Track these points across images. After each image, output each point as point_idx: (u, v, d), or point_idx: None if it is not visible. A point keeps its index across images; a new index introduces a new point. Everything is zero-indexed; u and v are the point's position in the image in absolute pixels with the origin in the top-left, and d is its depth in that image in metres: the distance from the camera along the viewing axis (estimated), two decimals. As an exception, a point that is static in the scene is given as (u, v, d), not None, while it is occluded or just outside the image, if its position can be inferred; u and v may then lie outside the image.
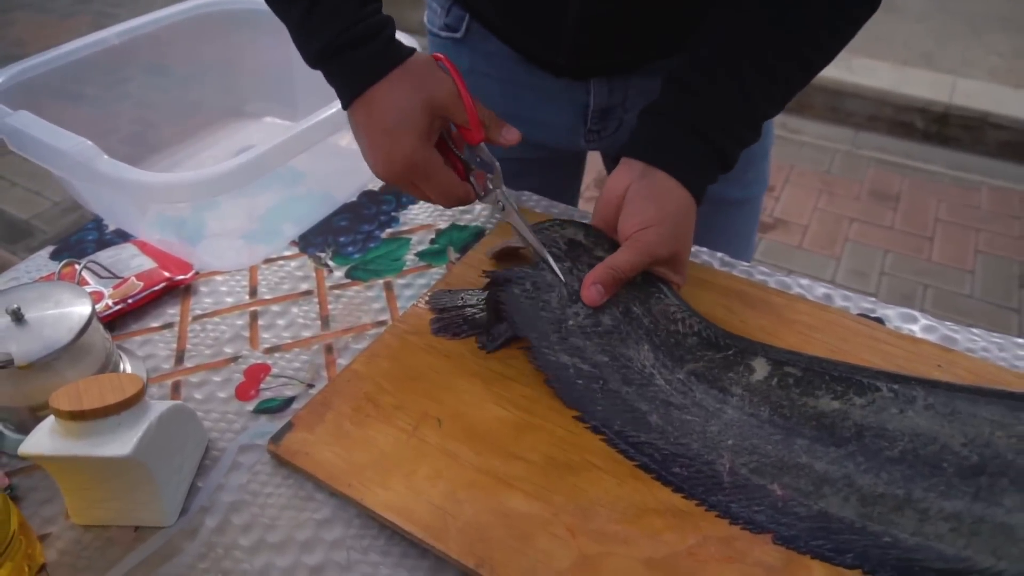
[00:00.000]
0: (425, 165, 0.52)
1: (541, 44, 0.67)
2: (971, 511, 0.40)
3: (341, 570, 0.43)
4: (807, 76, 0.56)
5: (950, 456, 0.42)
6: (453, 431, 0.48)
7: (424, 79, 0.51)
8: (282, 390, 0.54)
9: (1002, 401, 0.44)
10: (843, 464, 0.43)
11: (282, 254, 0.67)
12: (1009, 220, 2.01)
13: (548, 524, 0.43)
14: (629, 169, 0.55)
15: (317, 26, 0.50)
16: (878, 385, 0.46)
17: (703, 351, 0.50)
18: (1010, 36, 2.77)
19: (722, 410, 0.47)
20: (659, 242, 0.52)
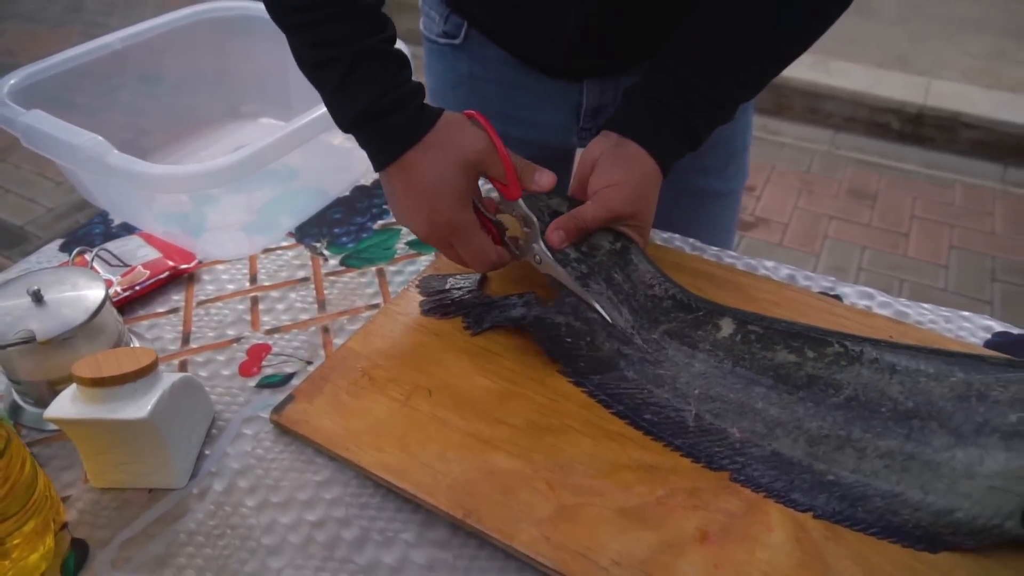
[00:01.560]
0: (463, 227, 0.54)
1: (539, 50, 0.71)
2: (903, 450, 0.44)
3: (340, 524, 0.47)
4: (780, 65, 0.60)
5: (888, 402, 0.46)
6: (442, 400, 0.52)
7: (458, 138, 0.53)
8: (282, 367, 0.57)
9: (939, 357, 0.48)
10: (794, 409, 0.48)
11: (280, 244, 0.70)
12: (982, 216, 2.07)
13: (529, 479, 0.47)
14: (605, 139, 0.60)
15: (352, 94, 0.52)
16: (830, 341, 0.51)
17: (676, 312, 0.55)
18: (982, 38, 2.84)
19: (691, 364, 0.52)
20: (621, 199, 0.57)
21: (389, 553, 0.45)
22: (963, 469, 0.43)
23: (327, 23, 0.51)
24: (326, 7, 0.51)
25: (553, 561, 0.42)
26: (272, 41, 0.84)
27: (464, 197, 0.53)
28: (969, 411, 0.45)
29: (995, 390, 0.45)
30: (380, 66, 0.52)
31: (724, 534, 0.44)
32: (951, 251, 1.94)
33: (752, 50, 0.59)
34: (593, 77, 0.72)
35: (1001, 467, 0.42)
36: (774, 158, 2.32)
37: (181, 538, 0.46)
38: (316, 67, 0.54)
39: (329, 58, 0.52)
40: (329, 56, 0.52)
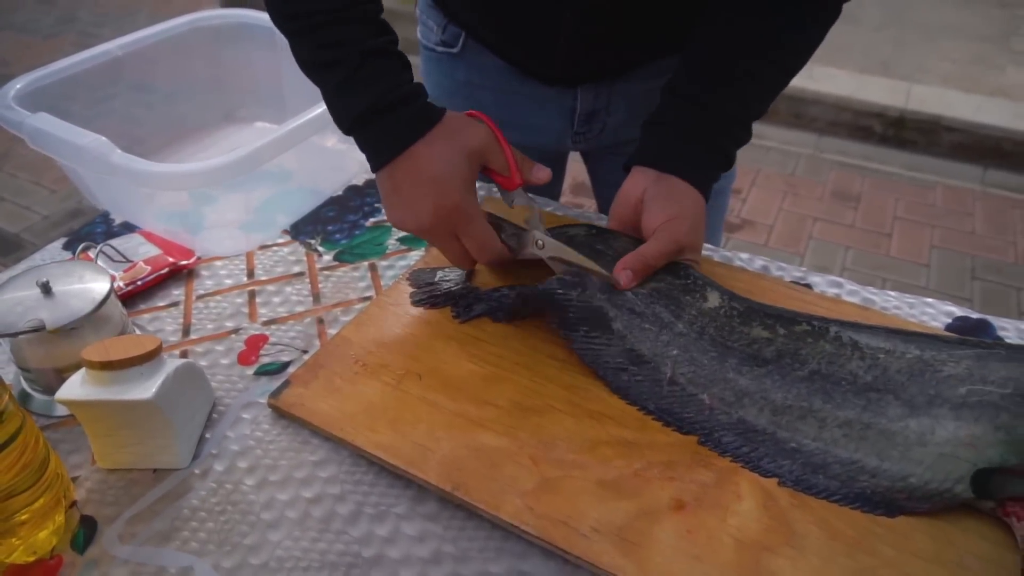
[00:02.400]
0: (470, 211, 0.55)
1: (535, 59, 0.73)
2: (860, 419, 0.47)
3: (335, 500, 0.49)
4: (788, 77, 0.63)
5: (848, 376, 0.50)
6: (432, 384, 0.55)
7: (462, 131, 0.55)
8: (279, 356, 0.60)
9: (899, 336, 0.52)
10: (762, 381, 0.51)
11: (276, 241, 0.73)
12: (962, 217, 2.11)
13: (514, 455, 0.50)
14: (644, 176, 0.61)
15: (359, 91, 0.54)
16: (800, 320, 0.54)
17: (666, 276, 0.58)
18: (962, 44, 2.90)
19: (674, 324, 0.55)
20: (684, 232, 0.58)
21: (382, 526, 0.48)
22: (916, 437, 0.46)
23: (333, 26, 0.54)
24: (332, 12, 0.53)
25: (536, 529, 0.45)
26: (265, 47, 0.88)
27: (471, 184, 0.55)
28: (923, 384, 0.48)
29: (947, 365, 0.48)
30: (385, 65, 0.55)
31: (697, 503, 0.47)
32: (932, 251, 1.99)
33: (763, 66, 0.61)
34: (587, 83, 0.75)
35: (950, 435, 0.45)
36: (760, 161, 2.36)
37: (185, 514, 0.48)
38: (321, 67, 0.56)
39: (335, 58, 0.54)
40: (335, 56, 0.54)
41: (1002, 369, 0.47)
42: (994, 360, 0.48)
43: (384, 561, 0.46)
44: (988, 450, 0.44)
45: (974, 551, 0.44)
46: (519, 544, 0.46)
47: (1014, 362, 0.48)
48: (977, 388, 0.46)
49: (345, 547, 0.46)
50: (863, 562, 0.44)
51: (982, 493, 0.44)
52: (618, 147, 0.64)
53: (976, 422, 0.45)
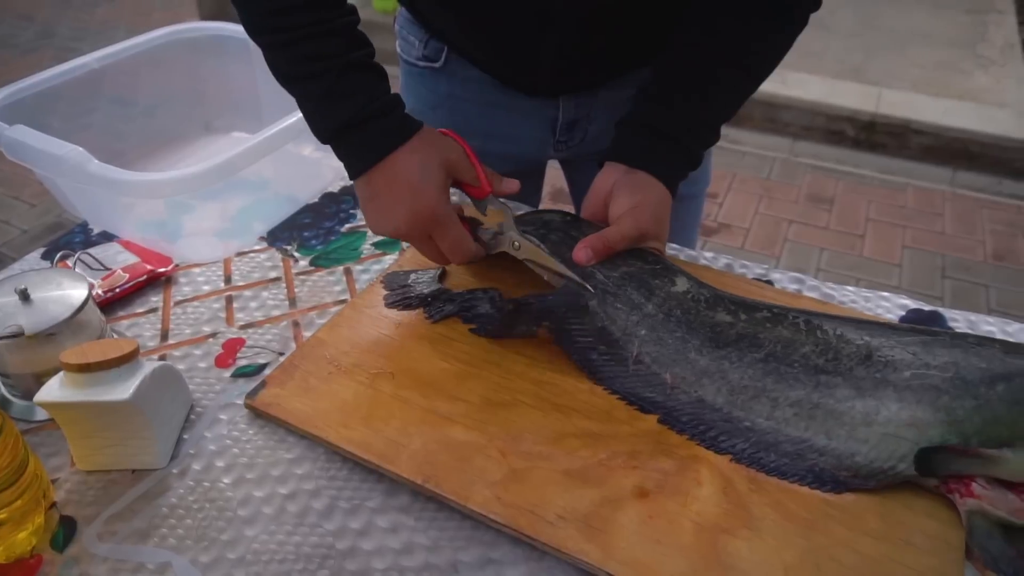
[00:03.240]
0: (445, 217, 0.58)
1: (518, 72, 0.75)
2: (809, 399, 0.50)
3: (310, 496, 0.51)
4: (755, 83, 0.66)
5: (801, 359, 0.52)
6: (404, 382, 0.57)
7: (438, 144, 0.58)
8: (256, 358, 0.62)
9: (852, 323, 0.54)
10: (720, 363, 0.54)
11: (253, 248, 0.75)
12: (932, 217, 2.16)
13: (484, 448, 0.51)
14: (614, 170, 0.64)
15: (339, 103, 0.56)
16: (761, 307, 0.57)
17: (635, 261, 0.61)
18: (930, 50, 2.97)
19: (644, 305, 0.57)
20: (647, 219, 0.61)
21: (355, 519, 0.49)
22: (861, 418, 0.48)
23: (311, 39, 0.55)
24: (310, 26, 0.55)
25: (504, 518, 0.47)
26: (241, 58, 0.89)
27: (445, 190, 0.58)
28: (870, 368, 0.50)
29: (895, 351, 0.51)
30: (364, 77, 0.57)
31: (659, 490, 0.49)
32: (904, 251, 2.03)
33: (731, 72, 0.65)
34: (568, 94, 0.77)
35: (894, 416, 0.48)
36: (736, 166, 2.40)
37: (163, 512, 0.50)
38: (299, 80, 0.57)
39: (313, 71, 0.56)
40: (313, 69, 0.56)
41: (945, 355, 0.49)
42: (938, 346, 0.50)
43: (357, 552, 0.47)
44: (930, 430, 0.47)
45: (921, 529, 0.47)
46: (488, 533, 0.48)
47: (957, 348, 0.50)
48: (920, 372, 0.49)
49: (319, 539, 0.48)
50: (816, 541, 0.46)
51: (925, 471, 0.46)
52: (598, 155, 0.66)
53: (918, 404, 0.48)
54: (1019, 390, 0.46)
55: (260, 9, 0.56)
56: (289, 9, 0.55)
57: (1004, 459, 0.44)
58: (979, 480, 0.45)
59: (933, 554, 0.45)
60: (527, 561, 0.46)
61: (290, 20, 0.55)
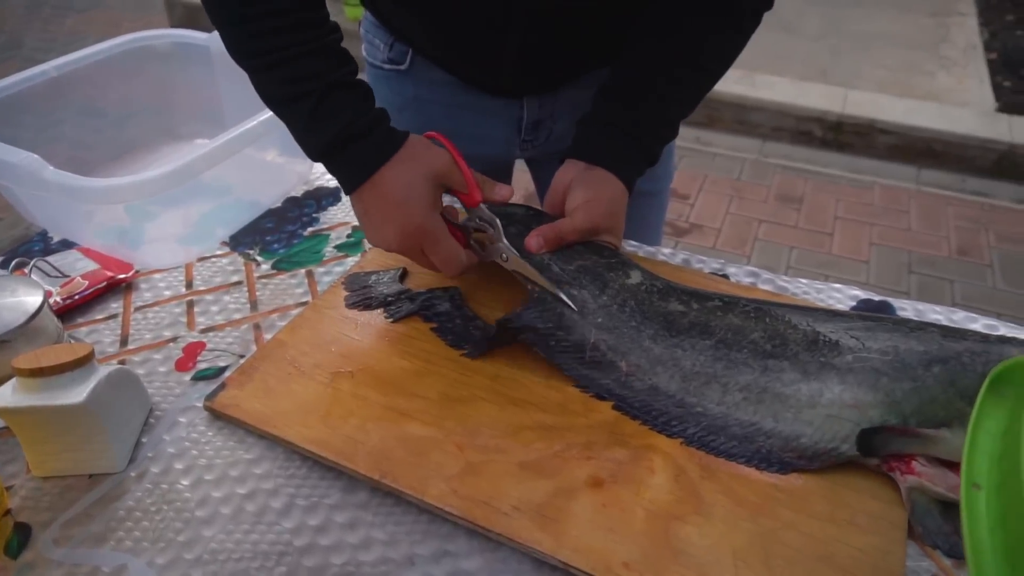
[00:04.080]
0: (433, 232, 0.58)
1: (483, 73, 0.76)
2: (758, 383, 0.52)
3: (269, 495, 0.51)
4: (711, 81, 0.68)
5: (750, 345, 0.54)
6: (364, 380, 0.57)
7: (424, 155, 0.58)
8: (216, 361, 0.62)
9: (800, 311, 0.56)
10: (673, 350, 0.55)
11: (215, 253, 0.75)
12: (898, 214, 2.21)
13: (441, 443, 0.52)
14: (573, 166, 0.66)
15: (325, 122, 0.56)
16: (713, 297, 0.59)
17: (591, 255, 0.62)
18: (894, 51, 3.03)
19: (600, 296, 0.59)
20: (600, 213, 0.63)
21: (314, 516, 0.49)
22: (806, 400, 0.50)
23: (295, 61, 0.56)
24: (292, 47, 0.55)
25: (460, 510, 0.48)
26: (204, 65, 0.90)
27: (432, 205, 0.58)
28: (815, 352, 0.52)
29: (839, 336, 0.53)
30: (349, 95, 0.57)
31: (612, 479, 0.50)
32: (871, 247, 2.07)
33: (687, 71, 0.66)
34: (532, 94, 0.78)
35: (836, 398, 0.49)
36: (707, 168, 2.43)
37: (120, 515, 0.50)
38: (286, 102, 0.58)
39: (300, 92, 0.56)
40: (300, 91, 0.56)
41: (886, 339, 0.51)
42: (880, 331, 0.52)
43: (315, 549, 0.47)
44: (870, 411, 0.48)
45: (865, 510, 0.48)
46: (445, 526, 0.49)
47: (897, 332, 0.52)
48: (862, 356, 0.50)
49: (277, 537, 0.48)
50: (764, 525, 0.47)
51: (867, 451, 0.48)
52: (563, 153, 0.68)
53: (859, 386, 0.49)
54: (955, 372, 0.48)
55: (242, 32, 0.57)
56: (271, 31, 0.55)
57: (941, 438, 0.45)
58: (919, 459, 0.47)
59: (876, 533, 0.46)
60: (482, 552, 0.47)
61: (272, 42, 0.55)
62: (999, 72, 2.92)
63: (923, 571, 0.46)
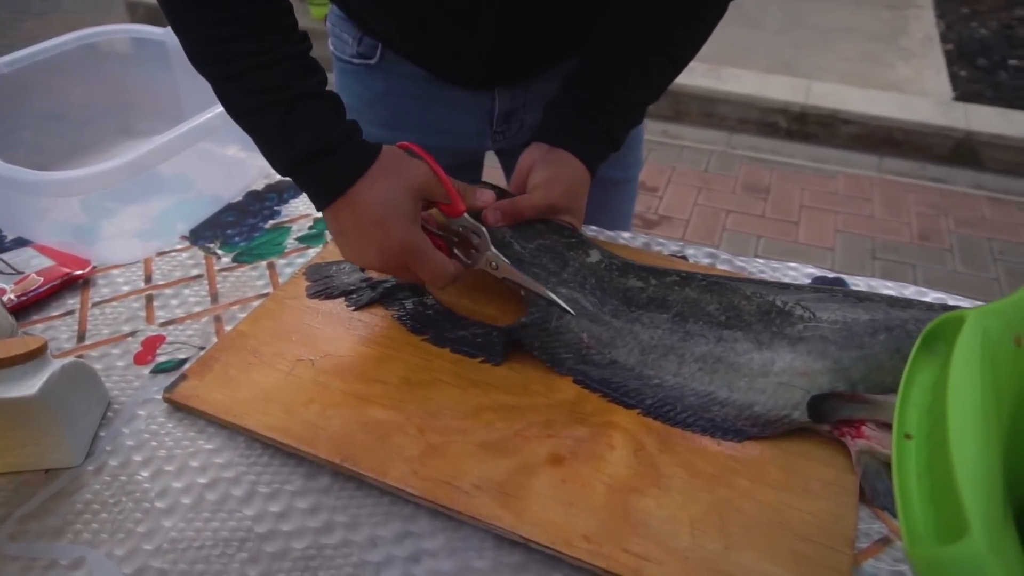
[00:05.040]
0: (416, 247, 0.55)
1: (454, 66, 0.76)
2: (712, 353, 0.53)
3: (230, 483, 0.51)
4: (676, 68, 0.69)
5: (705, 317, 0.55)
6: (325, 367, 0.57)
7: (399, 168, 0.55)
8: (176, 354, 0.61)
9: (755, 283, 0.58)
10: (632, 324, 0.56)
11: (174, 247, 0.74)
12: (861, 202, 2.25)
13: (402, 426, 0.52)
14: (537, 148, 0.67)
15: (292, 136, 0.53)
16: (669, 272, 0.60)
17: (552, 234, 0.63)
18: (855, 44, 3.09)
19: (559, 273, 0.60)
20: (558, 192, 0.64)
21: (275, 502, 0.49)
22: (759, 369, 0.51)
23: (261, 70, 0.52)
24: (257, 55, 0.52)
25: (420, 491, 0.48)
26: (160, 61, 0.89)
27: (413, 220, 0.55)
28: (768, 323, 0.53)
29: (791, 307, 0.54)
30: (317, 107, 0.54)
31: (573, 456, 0.50)
32: (836, 235, 2.11)
33: (652, 58, 0.67)
34: (504, 85, 0.78)
35: (787, 366, 0.51)
36: (674, 160, 2.46)
37: (78, 508, 0.49)
38: (251, 113, 0.55)
39: (265, 104, 0.53)
40: (265, 102, 0.53)
41: (835, 309, 0.53)
42: (831, 302, 0.54)
43: (277, 534, 0.47)
44: (820, 378, 0.50)
45: (819, 477, 0.49)
46: (407, 507, 0.49)
47: (846, 303, 0.53)
48: (812, 325, 0.52)
49: (238, 524, 0.48)
50: (721, 494, 0.48)
51: (817, 418, 0.49)
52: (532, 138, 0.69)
53: (809, 354, 0.51)
54: (900, 339, 0.49)
55: (203, 37, 0.53)
56: (234, 37, 0.52)
57: (889, 404, 0.46)
58: (869, 424, 0.48)
59: (828, 499, 0.48)
60: (444, 531, 0.47)
61: (235, 49, 0.52)
62: (955, 62, 2.98)
63: (874, 533, 0.47)
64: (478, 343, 0.58)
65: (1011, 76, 2.89)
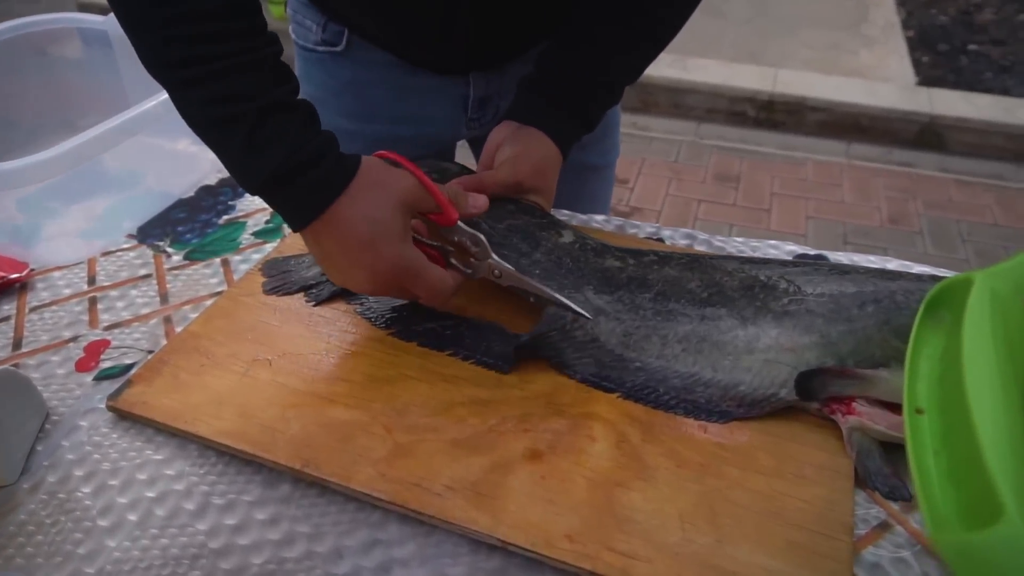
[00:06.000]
0: (412, 266, 0.50)
1: (427, 51, 0.72)
2: (696, 332, 0.50)
3: (181, 496, 0.47)
4: (657, 46, 0.66)
5: (687, 295, 0.53)
6: (283, 367, 0.53)
7: (383, 181, 0.50)
8: (121, 359, 0.57)
9: (735, 259, 0.55)
10: (614, 304, 0.53)
11: (120, 247, 0.69)
12: (831, 188, 2.26)
13: (367, 426, 0.49)
14: (507, 126, 0.64)
15: (264, 151, 0.47)
16: (647, 251, 0.57)
17: (521, 215, 0.60)
18: (819, 32, 3.11)
19: (532, 253, 0.57)
20: (526, 170, 0.61)
21: (231, 515, 0.45)
22: (744, 346, 0.49)
23: (227, 76, 0.46)
24: (225, 58, 0.46)
25: (388, 495, 0.44)
26: (102, 50, 0.84)
27: (404, 237, 0.50)
28: (752, 298, 0.51)
29: (774, 281, 0.52)
30: (290, 119, 0.48)
31: (551, 450, 0.47)
32: (808, 221, 2.11)
33: (631, 35, 0.64)
34: (479, 70, 0.74)
35: (773, 342, 0.48)
36: (644, 151, 2.45)
37: (11, 530, 0.45)
38: (215, 126, 0.48)
39: (231, 115, 0.46)
40: (231, 113, 0.46)
41: (822, 283, 0.50)
42: (815, 275, 0.52)
43: (233, 549, 0.43)
44: (807, 354, 0.47)
45: (812, 462, 0.47)
46: (375, 514, 0.45)
47: (832, 276, 0.51)
48: (797, 299, 0.49)
49: (189, 540, 0.44)
50: (710, 484, 0.45)
51: (806, 395, 0.46)
52: None
53: (795, 329, 0.48)
54: (889, 311, 0.47)
55: (157, 39, 0.46)
56: (196, 38, 0.45)
57: (879, 378, 0.44)
58: (859, 400, 0.46)
59: (823, 484, 0.45)
60: (415, 538, 0.44)
61: (195, 52, 0.45)
62: (917, 48, 3.02)
63: (872, 518, 0.44)
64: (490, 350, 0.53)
65: (971, 60, 2.93)
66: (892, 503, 0.45)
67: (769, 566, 0.41)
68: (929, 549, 0.42)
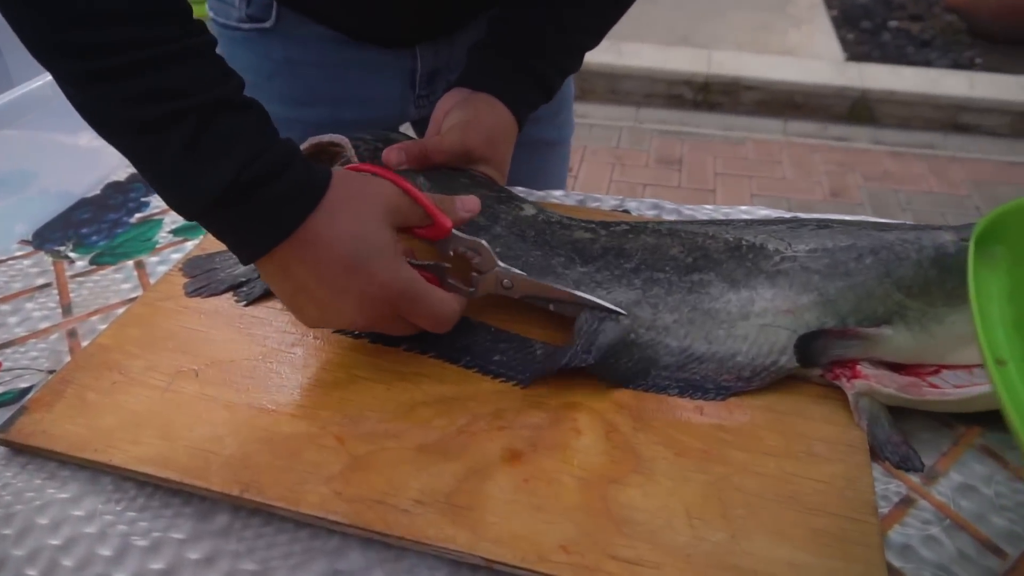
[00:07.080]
0: (409, 288, 0.42)
1: (370, 22, 0.64)
2: (687, 301, 0.45)
3: (94, 540, 0.39)
4: (620, 6, 0.61)
5: (672, 262, 0.47)
6: (212, 378, 0.46)
7: (362, 192, 0.42)
8: (15, 383, 0.48)
9: (714, 222, 0.51)
10: (593, 276, 0.48)
11: (12, 255, 0.60)
12: (772, 165, 2.27)
13: (316, 438, 0.42)
14: (457, 92, 0.58)
15: (208, 164, 0.37)
16: (618, 223, 0.52)
17: (476, 188, 0.53)
18: (747, 14, 3.16)
19: (491, 227, 0.50)
20: (474, 137, 0.55)
21: (158, 557, 0.38)
22: (738, 311, 0.44)
23: (158, 67, 0.36)
24: (154, 45, 0.36)
25: (346, 516, 0.37)
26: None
27: (395, 254, 0.42)
28: (740, 259, 0.46)
29: (762, 239, 0.47)
30: (242, 121, 0.39)
31: (532, 449, 0.41)
32: (753, 199, 2.12)
33: None
34: (427, 40, 0.67)
35: (769, 304, 0.44)
36: (585, 139, 2.42)
37: None
38: (143, 131, 0.38)
39: (166, 115, 0.37)
40: (166, 112, 0.37)
41: (812, 238, 0.46)
42: (805, 231, 0.47)
43: (160, 599, 0.36)
44: (805, 315, 0.43)
45: (821, 437, 0.42)
46: (332, 539, 0.38)
47: (824, 230, 0.47)
48: (789, 255, 0.45)
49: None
50: (715, 472, 0.40)
51: (807, 360, 0.42)
52: None
53: (791, 288, 0.44)
54: (888, 262, 0.43)
55: (66, 17, 0.35)
56: (112, 17, 0.35)
57: (884, 337, 0.40)
58: (864, 362, 0.42)
59: (838, 460, 0.40)
60: (382, 564, 0.37)
61: (115, 35, 0.36)
62: (842, 27, 3.09)
63: (892, 494, 0.40)
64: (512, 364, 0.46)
65: (893, 36, 3.01)
66: (913, 476, 0.40)
67: (794, 559, 0.36)
68: (958, 523, 0.38)
